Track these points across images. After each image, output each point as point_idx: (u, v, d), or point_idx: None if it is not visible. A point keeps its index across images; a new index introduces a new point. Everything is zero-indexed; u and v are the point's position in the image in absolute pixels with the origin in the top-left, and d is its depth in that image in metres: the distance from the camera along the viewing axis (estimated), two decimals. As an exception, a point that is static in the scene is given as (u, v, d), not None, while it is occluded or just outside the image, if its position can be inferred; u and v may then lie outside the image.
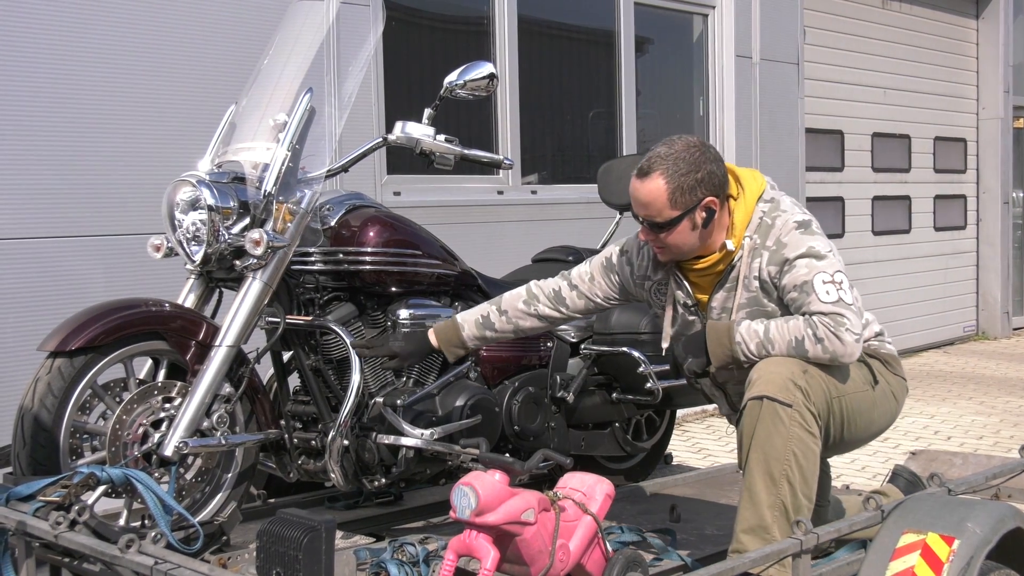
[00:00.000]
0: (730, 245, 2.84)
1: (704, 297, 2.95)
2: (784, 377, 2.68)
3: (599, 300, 3.18)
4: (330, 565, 2.30)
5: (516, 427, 3.51)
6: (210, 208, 2.97)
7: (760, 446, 2.68)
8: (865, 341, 2.93)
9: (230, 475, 3.04)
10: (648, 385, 3.71)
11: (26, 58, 4.55)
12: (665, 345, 3.07)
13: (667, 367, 3.76)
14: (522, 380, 3.58)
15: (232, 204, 3.01)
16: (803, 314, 2.74)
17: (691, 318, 3.00)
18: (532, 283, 3.23)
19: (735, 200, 2.87)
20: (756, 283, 2.83)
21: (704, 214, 2.79)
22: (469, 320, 3.21)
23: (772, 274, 2.80)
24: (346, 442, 3.08)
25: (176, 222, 3.07)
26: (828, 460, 3.27)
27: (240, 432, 3.04)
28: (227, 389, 2.97)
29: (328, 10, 3.38)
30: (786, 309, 2.83)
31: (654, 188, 2.77)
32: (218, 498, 3.02)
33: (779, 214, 2.84)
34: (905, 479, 3.46)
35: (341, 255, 3.19)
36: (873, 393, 2.89)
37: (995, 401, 8.11)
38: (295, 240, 3.08)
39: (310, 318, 3.18)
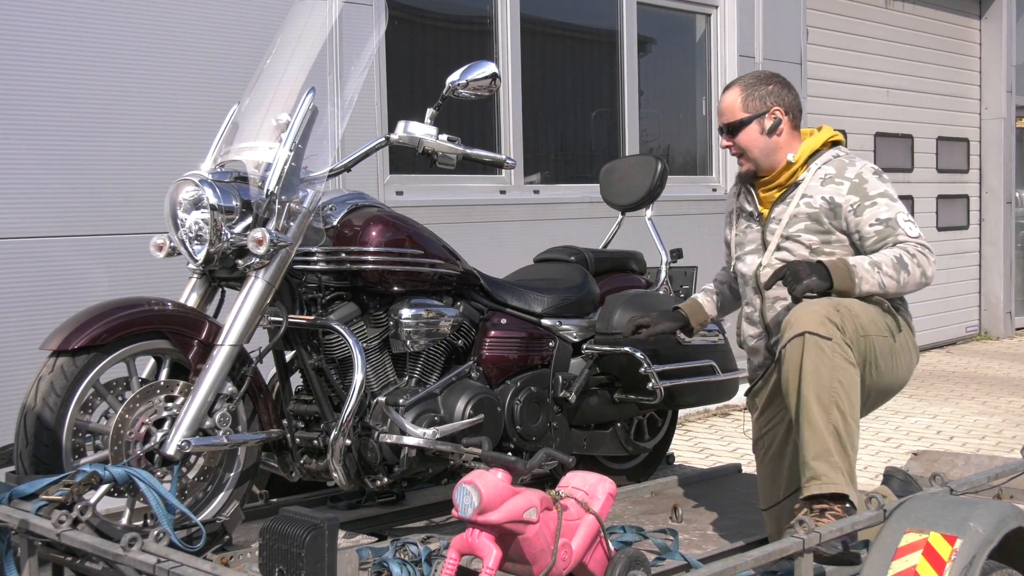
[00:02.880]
0: (790, 157, 3.23)
1: (766, 211, 3.29)
2: (820, 315, 2.89)
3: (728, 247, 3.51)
4: (333, 563, 2.30)
5: (518, 426, 3.51)
6: (213, 207, 2.97)
7: (809, 377, 2.86)
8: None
9: (232, 474, 3.04)
10: (650, 385, 3.71)
11: (30, 58, 4.55)
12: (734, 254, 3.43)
13: (668, 367, 3.77)
14: (524, 380, 3.58)
15: (234, 203, 3.01)
16: (891, 245, 3.08)
17: (753, 226, 3.33)
18: None
19: (807, 136, 3.29)
20: (824, 203, 3.15)
21: (771, 121, 3.23)
22: (700, 294, 3.67)
23: (852, 203, 3.13)
24: (348, 441, 3.08)
25: (179, 221, 3.07)
26: None
27: (242, 431, 3.04)
28: (229, 388, 2.97)
29: (331, 10, 3.38)
30: (846, 237, 3.15)
31: (730, 94, 3.28)
32: (220, 497, 3.02)
33: (856, 159, 3.24)
34: (899, 480, 3.51)
35: (343, 255, 3.19)
36: (894, 342, 3.11)
37: (997, 401, 8.11)
38: (297, 239, 3.08)
39: (312, 317, 3.18)
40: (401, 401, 3.23)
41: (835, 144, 3.28)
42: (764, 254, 3.26)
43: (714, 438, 7.03)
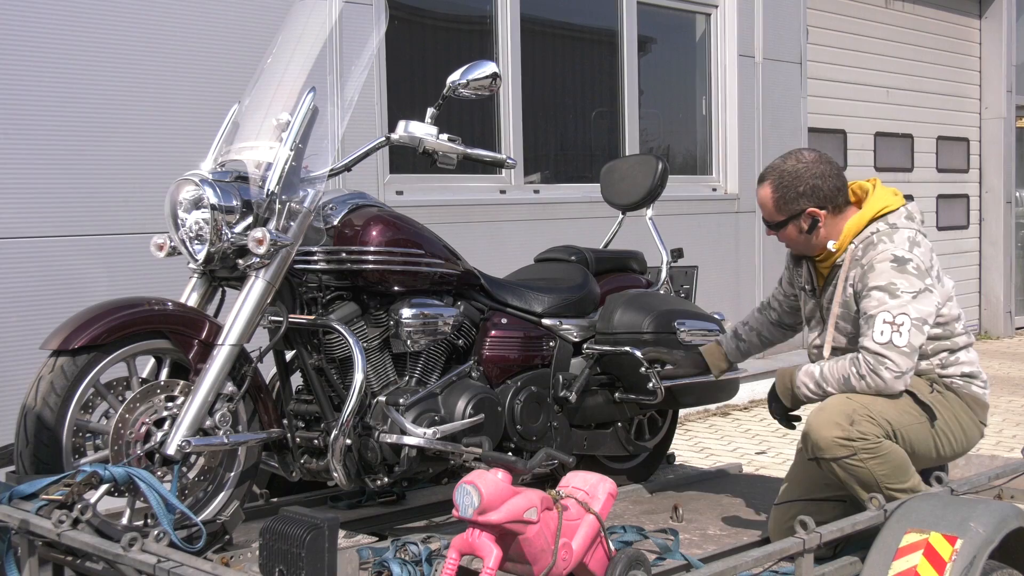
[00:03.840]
0: (831, 246, 3.15)
1: (820, 285, 3.26)
2: (830, 438, 2.89)
3: (783, 296, 3.50)
4: (333, 562, 2.30)
5: (519, 426, 3.51)
6: (213, 207, 2.97)
7: (855, 484, 2.91)
8: (948, 377, 3.12)
9: (233, 474, 3.04)
10: (650, 385, 3.71)
11: (31, 59, 4.55)
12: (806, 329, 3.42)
13: (668, 367, 3.77)
14: (525, 379, 3.58)
15: (235, 203, 3.01)
16: (858, 346, 3.01)
17: (811, 301, 3.30)
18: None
19: (856, 209, 3.16)
20: (851, 290, 3.10)
21: (808, 222, 3.13)
22: (725, 338, 3.65)
23: (857, 290, 3.07)
24: (349, 441, 3.08)
25: (179, 221, 3.07)
26: None
27: (243, 431, 3.03)
28: (230, 388, 2.97)
29: (331, 9, 3.38)
30: None
31: (764, 194, 3.18)
32: (221, 497, 3.02)
33: (885, 241, 3.06)
34: None
35: (344, 254, 3.19)
36: (931, 428, 3.06)
37: (998, 401, 8.10)
38: (298, 239, 3.08)
39: (313, 317, 3.18)
40: (401, 401, 3.23)
41: (889, 213, 3.11)
42: (824, 333, 3.20)
43: (714, 438, 7.03)
